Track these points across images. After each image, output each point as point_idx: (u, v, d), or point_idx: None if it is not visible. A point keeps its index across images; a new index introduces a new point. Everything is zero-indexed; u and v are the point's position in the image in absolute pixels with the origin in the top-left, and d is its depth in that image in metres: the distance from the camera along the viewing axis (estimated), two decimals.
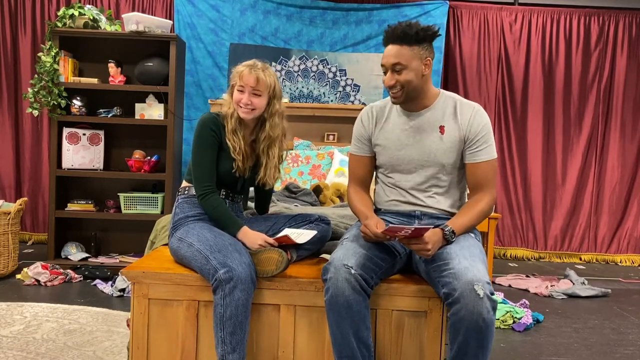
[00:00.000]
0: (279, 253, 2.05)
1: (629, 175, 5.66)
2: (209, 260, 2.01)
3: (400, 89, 2.07)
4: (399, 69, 2.04)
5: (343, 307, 1.89)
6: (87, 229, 4.71)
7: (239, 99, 2.26)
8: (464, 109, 2.12)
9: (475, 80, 5.56)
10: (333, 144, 4.81)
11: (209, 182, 2.23)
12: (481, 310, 1.77)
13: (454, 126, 2.11)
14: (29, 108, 4.34)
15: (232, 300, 1.95)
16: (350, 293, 1.89)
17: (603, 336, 3.40)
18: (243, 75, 2.25)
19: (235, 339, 1.96)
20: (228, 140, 2.25)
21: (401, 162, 2.16)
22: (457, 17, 5.53)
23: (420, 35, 2.03)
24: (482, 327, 1.78)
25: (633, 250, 5.69)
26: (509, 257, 5.66)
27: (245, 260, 2.02)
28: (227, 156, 2.26)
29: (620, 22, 5.57)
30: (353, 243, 2.02)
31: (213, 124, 2.25)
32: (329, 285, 1.91)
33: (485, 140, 2.10)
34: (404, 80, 2.05)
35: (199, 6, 5.29)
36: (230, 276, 1.95)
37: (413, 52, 2.04)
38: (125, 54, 4.60)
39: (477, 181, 2.11)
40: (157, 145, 4.64)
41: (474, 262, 1.87)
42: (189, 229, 2.19)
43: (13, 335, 2.97)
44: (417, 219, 2.16)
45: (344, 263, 1.91)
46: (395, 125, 2.18)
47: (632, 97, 5.61)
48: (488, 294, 1.79)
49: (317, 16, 5.43)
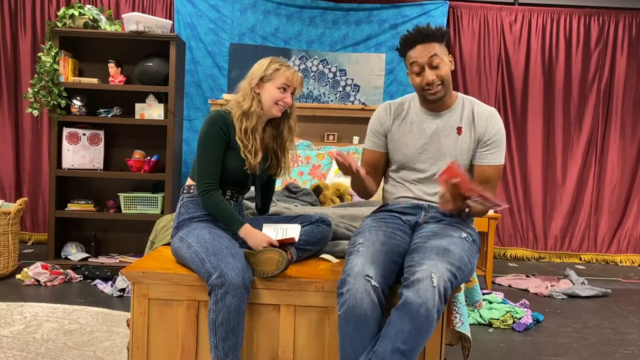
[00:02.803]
0: (279, 253, 2.05)
1: (629, 175, 5.66)
2: (204, 263, 2.00)
3: (441, 83, 2.10)
4: (437, 63, 2.07)
5: (360, 321, 1.82)
6: (87, 229, 4.71)
7: (280, 97, 2.25)
8: (482, 111, 2.17)
9: (475, 80, 5.56)
10: (333, 144, 4.81)
11: (212, 178, 2.20)
12: (428, 298, 1.75)
13: (471, 128, 2.15)
14: (29, 108, 4.34)
15: (224, 305, 1.93)
16: (368, 306, 1.82)
17: (603, 336, 3.40)
18: (288, 75, 2.25)
19: (228, 344, 1.94)
20: (238, 140, 2.22)
21: (416, 161, 2.18)
22: (457, 17, 5.53)
23: (445, 35, 2.11)
24: (421, 315, 1.74)
25: (633, 250, 5.69)
26: (509, 257, 5.66)
27: (239, 265, 1.99)
28: (237, 155, 2.23)
29: (620, 22, 5.57)
30: (369, 249, 1.95)
31: (222, 123, 2.22)
32: (346, 298, 1.83)
33: (497, 145, 2.14)
34: (444, 73, 2.09)
35: (199, 6, 5.29)
36: (222, 282, 1.93)
37: (442, 48, 2.11)
38: (125, 54, 4.60)
39: (481, 183, 2.10)
40: (157, 145, 4.64)
41: (443, 258, 1.86)
42: (190, 229, 2.18)
43: (13, 335, 2.97)
44: (424, 211, 2.17)
45: (366, 274, 1.85)
46: (414, 125, 2.20)
47: (632, 97, 5.61)
48: (441, 289, 1.78)
49: (317, 16, 5.43)
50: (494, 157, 2.14)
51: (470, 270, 2.01)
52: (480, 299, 2.43)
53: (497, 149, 2.13)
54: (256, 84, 2.27)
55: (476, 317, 3.52)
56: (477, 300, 2.42)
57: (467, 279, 2.04)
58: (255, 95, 2.26)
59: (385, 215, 2.20)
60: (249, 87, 2.27)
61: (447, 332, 2.13)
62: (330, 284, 2.02)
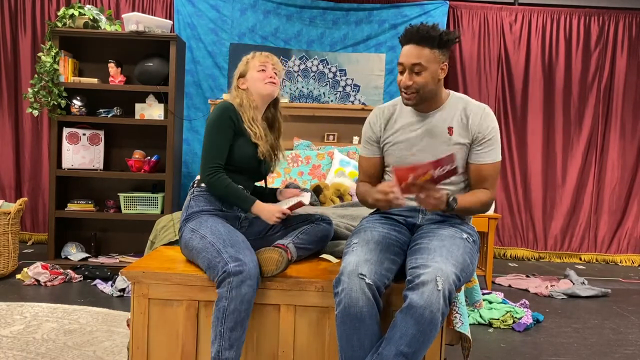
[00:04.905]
0: (279, 253, 2.05)
1: (629, 175, 5.66)
2: (221, 253, 2.01)
3: (415, 92, 2.05)
4: (418, 70, 2.01)
5: (356, 320, 1.83)
6: (87, 229, 4.71)
7: (262, 76, 2.35)
8: (473, 111, 2.12)
9: (475, 80, 5.56)
10: (333, 144, 4.81)
11: (218, 162, 2.24)
12: (432, 301, 1.75)
13: (463, 127, 2.11)
14: (29, 108, 4.35)
15: (238, 293, 1.94)
16: (364, 304, 1.82)
17: (603, 336, 3.40)
18: (261, 58, 2.38)
19: (235, 335, 1.95)
20: (248, 128, 2.29)
21: (409, 163, 2.12)
22: (457, 17, 5.53)
23: (443, 39, 2.00)
24: (426, 318, 1.74)
25: (633, 250, 5.69)
26: (509, 257, 5.65)
27: (255, 259, 2.03)
28: (248, 142, 2.29)
29: (620, 22, 5.57)
30: (364, 249, 1.96)
31: (232, 112, 2.28)
32: (341, 297, 1.84)
33: (492, 143, 2.11)
34: (422, 82, 2.02)
35: (199, 6, 5.29)
36: (240, 270, 1.94)
37: (434, 54, 2.02)
38: (125, 54, 4.60)
39: (479, 181, 2.13)
40: (157, 145, 4.64)
41: (447, 260, 1.86)
42: (202, 221, 2.18)
43: (13, 335, 2.97)
44: (421, 213, 2.16)
45: (359, 272, 1.85)
46: (405, 126, 2.17)
47: (632, 97, 5.61)
48: (446, 292, 1.77)
49: (317, 16, 5.43)
50: (490, 155, 2.11)
51: (471, 272, 2.01)
52: (480, 299, 2.43)
53: (492, 147, 2.11)
54: (238, 82, 2.40)
55: (476, 317, 3.52)
56: (477, 300, 2.42)
57: (469, 280, 2.04)
58: (243, 91, 2.37)
59: (381, 217, 2.21)
60: (234, 87, 2.41)
61: (447, 332, 2.13)
62: (330, 284, 2.02)
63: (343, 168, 4.11)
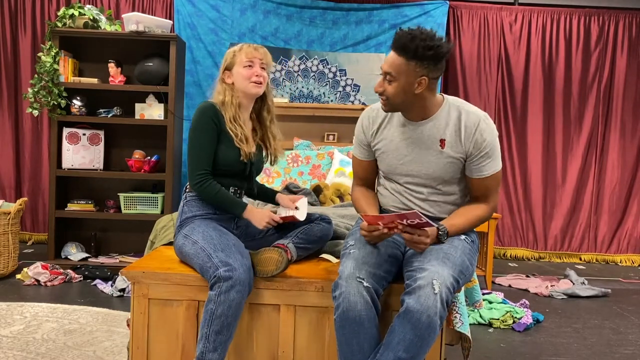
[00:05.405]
0: (279, 253, 2.05)
1: (629, 175, 5.66)
2: (211, 257, 2.00)
3: (386, 100, 1.99)
4: (390, 79, 1.94)
5: (355, 323, 1.81)
6: (87, 229, 4.71)
7: (250, 74, 2.24)
8: (468, 121, 2.00)
9: (475, 80, 5.56)
10: (333, 144, 4.81)
11: (205, 168, 2.19)
12: (429, 305, 1.73)
13: (456, 140, 2.00)
14: (29, 108, 4.34)
15: (226, 298, 1.93)
16: (362, 308, 1.81)
17: (603, 336, 3.40)
18: (247, 52, 2.26)
19: (220, 338, 1.94)
20: (230, 130, 2.21)
21: (399, 172, 2.10)
22: (457, 17, 5.53)
23: (419, 52, 1.86)
24: (423, 323, 1.73)
25: (633, 250, 5.68)
26: (509, 257, 5.65)
27: (246, 262, 2.01)
28: (231, 145, 2.22)
29: (620, 22, 5.57)
30: (361, 251, 1.94)
31: (213, 113, 2.21)
32: (339, 301, 1.83)
33: (490, 155, 2.01)
34: (391, 92, 1.95)
35: (199, 6, 5.29)
36: (230, 275, 1.93)
37: (408, 66, 1.89)
38: (125, 54, 4.60)
39: (480, 192, 2.08)
40: (157, 145, 4.64)
41: (444, 263, 1.84)
42: (194, 227, 2.17)
43: (13, 335, 2.97)
44: None
45: (357, 275, 1.84)
46: (395, 134, 2.09)
47: (632, 97, 5.61)
48: (443, 296, 1.75)
49: (317, 16, 5.43)
50: (490, 166, 2.02)
51: (471, 273, 2.00)
52: (480, 299, 2.43)
53: (491, 158, 2.01)
54: (224, 74, 2.30)
55: (476, 317, 3.52)
56: (477, 300, 2.42)
57: (468, 280, 2.03)
58: (228, 86, 2.28)
59: None
60: (219, 80, 2.32)
61: (447, 332, 2.13)
62: (330, 284, 2.02)
63: (343, 168, 4.11)
